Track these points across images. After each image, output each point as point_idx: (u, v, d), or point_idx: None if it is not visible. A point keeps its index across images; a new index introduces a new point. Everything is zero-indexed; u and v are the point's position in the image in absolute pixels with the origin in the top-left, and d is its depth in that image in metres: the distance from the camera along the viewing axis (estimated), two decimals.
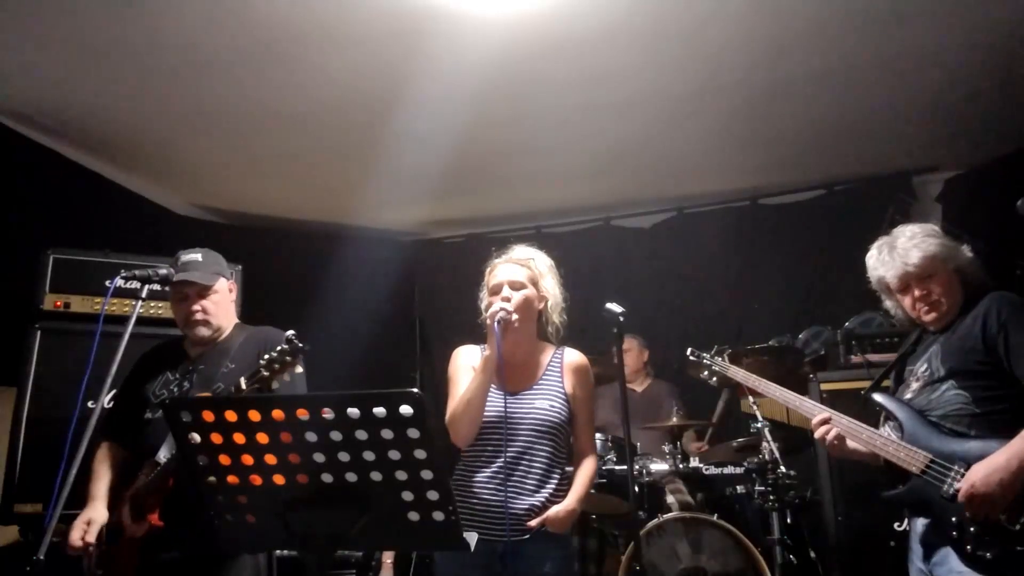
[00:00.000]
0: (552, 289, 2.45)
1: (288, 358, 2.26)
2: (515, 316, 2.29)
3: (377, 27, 3.20)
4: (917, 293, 2.30)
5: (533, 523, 2.25)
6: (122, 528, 2.35)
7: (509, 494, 2.27)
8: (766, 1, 3.14)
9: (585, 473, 2.39)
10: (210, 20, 3.13)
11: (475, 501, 2.29)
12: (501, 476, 2.28)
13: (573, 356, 2.48)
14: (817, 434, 2.33)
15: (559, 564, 2.29)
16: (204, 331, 2.56)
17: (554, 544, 2.29)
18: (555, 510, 2.27)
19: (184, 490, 2.28)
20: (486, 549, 2.21)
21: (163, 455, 2.35)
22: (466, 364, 2.44)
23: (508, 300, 2.33)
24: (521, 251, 2.49)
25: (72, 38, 3.23)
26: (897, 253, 2.31)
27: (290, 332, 2.28)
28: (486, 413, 2.32)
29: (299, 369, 2.30)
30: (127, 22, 3.13)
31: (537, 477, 2.31)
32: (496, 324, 2.25)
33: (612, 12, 3.15)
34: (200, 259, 2.59)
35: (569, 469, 2.45)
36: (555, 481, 2.34)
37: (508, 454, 2.29)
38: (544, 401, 2.37)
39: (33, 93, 3.68)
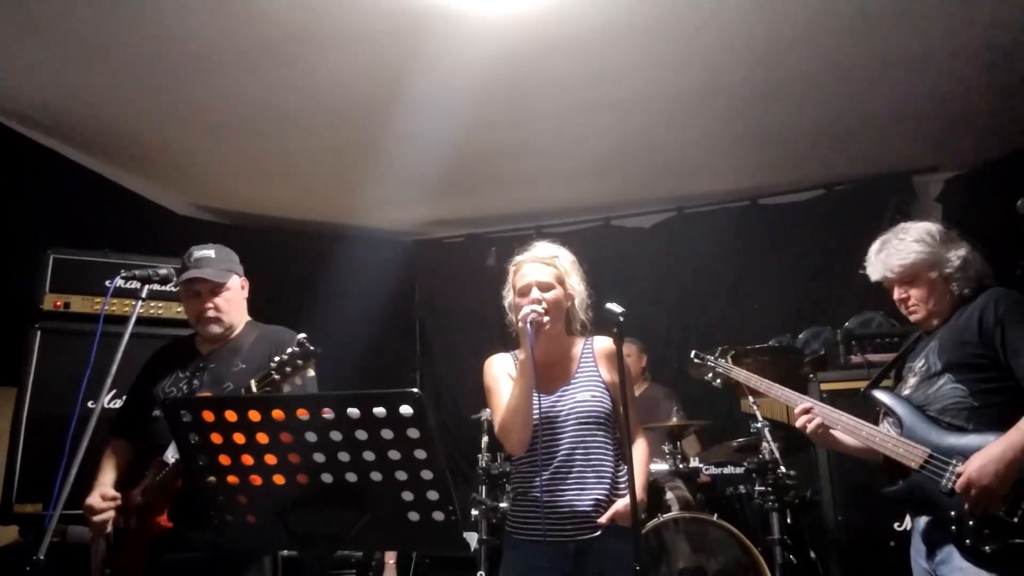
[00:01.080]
0: (577, 286, 2.43)
1: (299, 361, 2.23)
2: (546, 319, 2.28)
3: (377, 27, 3.20)
4: (897, 296, 2.36)
5: (603, 519, 2.23)
6: (132, 527, 2.34)
7: (571, 492, 2.25)
8: (766, 1, 3.14)
9: (638, 459, 2.34)
10: (211, 20, 3.13)
11: (538, 505, 2.26)
12: (559, 476, 2.26)
13: (603, 343, 2.46)
14: (798, 423, 2.34)
15: (629, 559, 2.24)
16: (216, 329, 2.53)
17: (624, 538, 2.22)
18: (623, 504, 2.23)
19: (192, 490, 2.28)
20: (556, 551, 2.22)
21: (170, 455, 2.33)
22: (501, 373, 2.42)
23: (539, 302, 2.31)
24: (545, 248, 2.45)
25: (72, 38, 3.23)
26: (881, 257, 2.35)
27: (301, 335, 2.25)
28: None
29: (311, 373, 2.27)
30: (127, 22, 3.13)
31: (596, 470, 2.28)
32: (529, 326, 2.23)
33: (612, 12, 3.15)
34: (213, 255, 2.55)
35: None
36: (613, 472, 2.31)
37: (562, 452, 2.28)
38: (585, 392, 2.35)
39: (33, 93, 3.68)
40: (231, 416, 1.55)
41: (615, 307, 2.30)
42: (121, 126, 4.05)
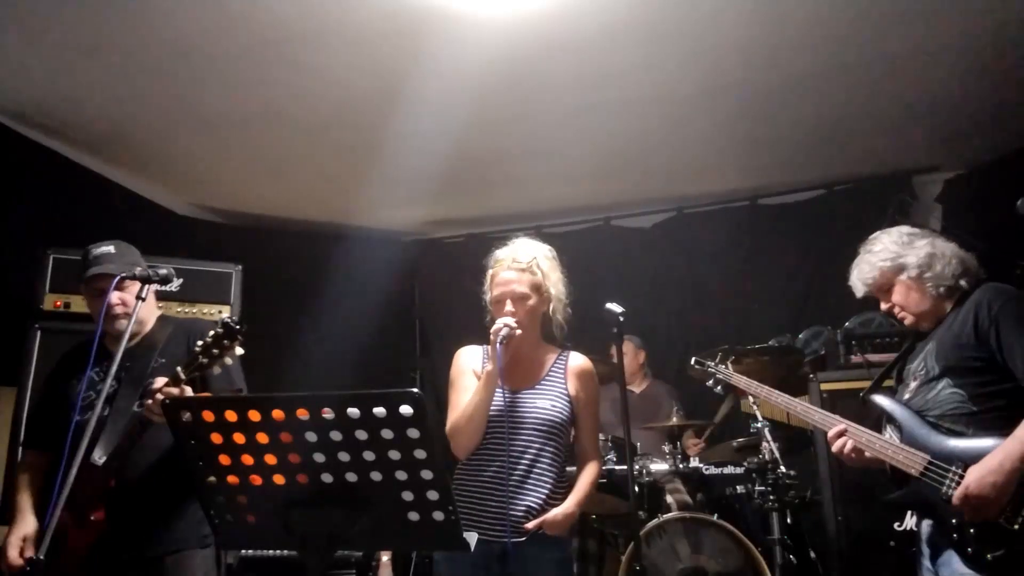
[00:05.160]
0: (555, 288, 2.43)
1: (226, 342, 2.18)
2: (519, 331, 2.29)
3: (377, 27, 3.20)
4: (883, 307, 2.38)
5: (530, 525, 2.24)
6: (66, 535, 2.24)
7: (508, 495, 2.25)
8: (766, 2, 3.14)
9: (587, 477, 2.37)
10: (210, 20, 3.13)
11: (475, 500, 2.28)
12: (502, 476, 2.26)
13: (578, 360, 2.47)
14: (834, 448, 2.30)
15: (556, 567, 2.29)
16: (125, 324, 2.40)
17: (552, 547, 2.28)
18: (554, 513, 2.26)
19: (127, 489, 2.26)
20: (484, 550, 2.21)
21: (98, 456, 2.26)
22: (467, 367, 2.43)
23: (513, 314, 2.32)
24: (523, 249, 2.44)
25: (72, 38, 3.23)
26: (856, 274, 2.39)
27: (224, 315, 2.23)
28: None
29: (239, 351, 2.21)
30: (127, 22, 3.13)
31: (536, 477, 2.29)
32: (499, 343, 2.24)
33: (612, 12, 3.15)
34: (112, 251, 2.47)
35: (571, 469, 2.44)
36: (554, 482, 2.33)
37: (510, 454, 2.28)
38: (546, 401, 2.36)
39: (33, 93, 3.68)
40: (231, 416, 1.55)
41: (615, 307, 2.30)
42: (121, 126, 4.05)
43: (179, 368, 2.23)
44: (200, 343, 2.21)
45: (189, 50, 3.35)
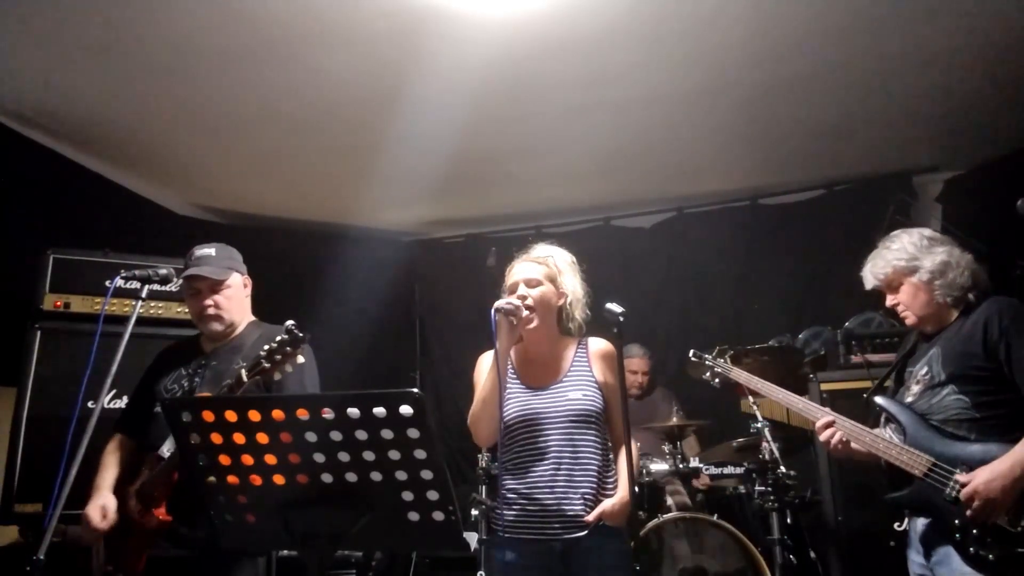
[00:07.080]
0: (572, 286, 2.44)
1: (288, 348, 2.24)
2: (525, 313, 2.30)
3: (377, 27, 3.20)
4: (888, 302, 2.41)
5: (590, 518, 2.23)
6: (131, 522, 2.34)
7: (560, 490, 2.25)
8: (766, 2, 3.14)
9: (627, 460, 2.34)
10: (210, 19, 3.13)
11: (525, 503, 2.27)
12: (548, 474, 2.26)
13: (598, 344, 2.47)
14: (821, 437, 2.35)
15: (617, 558, 2.26)
16: (216, 326, 2.55)
17: (611, 538, 2.26)
18: (610, 503, 2.25)
19: (189, 486, 2.29)
20: (543, 549, 2.22)
21: (166, 449, 2.34)
22: (487, 369, 2.43)
23: (523, 297, 2.33)
24: (540, 249, 2.49)
25: (72, 38, 3.23)
26: (868, 267, 2.42)
27: (290, 322, 2.27)
28: (518, 413, 2.31)
29: (301, 359, 2.28)
30: (127, 22, 3.13)
31: (584, 469, 2.28)
32: (494, 314, 2.24)
33: (612, 12, 3.15)
34: (213, 253, 2.58)
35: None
36: (601, 470, 2.31)
37: (551, 450, 2.28)
38: (576, 391, 2.35)
39: (33, 93, 3.68)
40: (231, 416, 1.55)
41: (615, 307, 2.30)
42: (121, 126, 4.05)
43: (243, 369, 2.27)
44: (265, 347, 2.25)
45: (189, 50, 3.34)
